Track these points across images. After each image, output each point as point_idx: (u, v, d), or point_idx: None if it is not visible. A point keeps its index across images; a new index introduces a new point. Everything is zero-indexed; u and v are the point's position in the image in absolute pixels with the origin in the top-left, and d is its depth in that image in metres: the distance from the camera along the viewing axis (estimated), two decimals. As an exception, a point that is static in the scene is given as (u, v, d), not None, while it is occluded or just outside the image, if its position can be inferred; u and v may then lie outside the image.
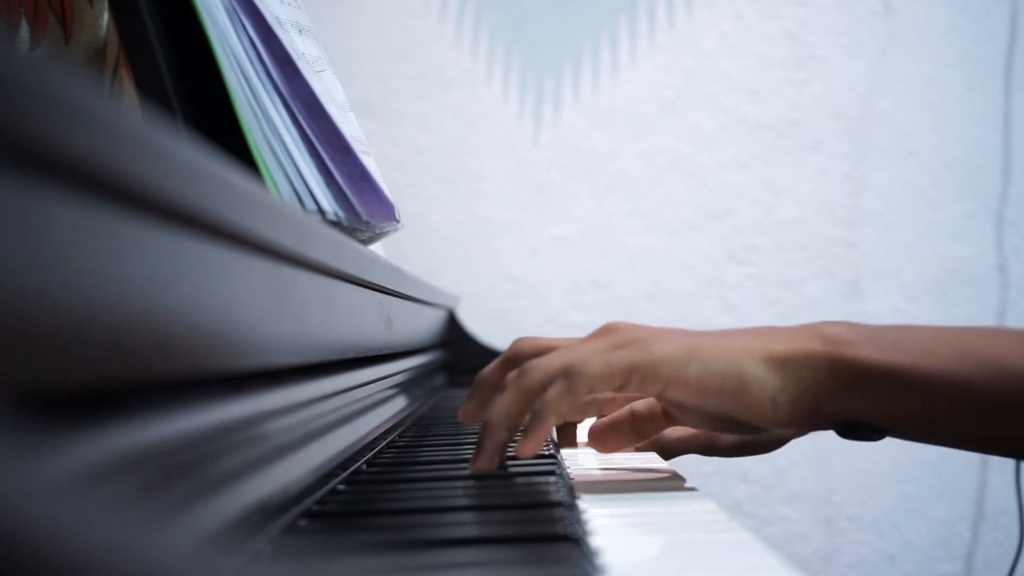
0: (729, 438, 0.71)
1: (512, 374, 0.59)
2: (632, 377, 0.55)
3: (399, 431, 0.82)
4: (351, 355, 0.63)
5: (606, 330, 0.58)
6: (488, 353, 1.45)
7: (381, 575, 0.39)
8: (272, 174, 0.67)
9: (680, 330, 0.58)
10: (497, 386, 0.65)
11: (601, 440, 0.69)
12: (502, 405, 0.58)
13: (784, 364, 0.54)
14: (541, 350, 0.61)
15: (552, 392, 0.55)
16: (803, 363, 0.54)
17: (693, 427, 0.64)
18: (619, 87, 1.78)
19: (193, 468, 0.33)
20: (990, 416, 0.55)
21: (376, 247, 0.84)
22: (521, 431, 0.59)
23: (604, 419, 0.70)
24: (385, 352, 0.78)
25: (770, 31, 1.79)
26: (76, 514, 0.16)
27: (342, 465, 0.58)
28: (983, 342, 0.55)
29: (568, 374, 0.55)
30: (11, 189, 0.22)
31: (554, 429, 0.76)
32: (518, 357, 0.63)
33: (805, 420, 0.56)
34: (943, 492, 1.77)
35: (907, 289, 1.78)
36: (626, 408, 0.68)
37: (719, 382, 0.54)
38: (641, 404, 0.66)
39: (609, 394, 0.62)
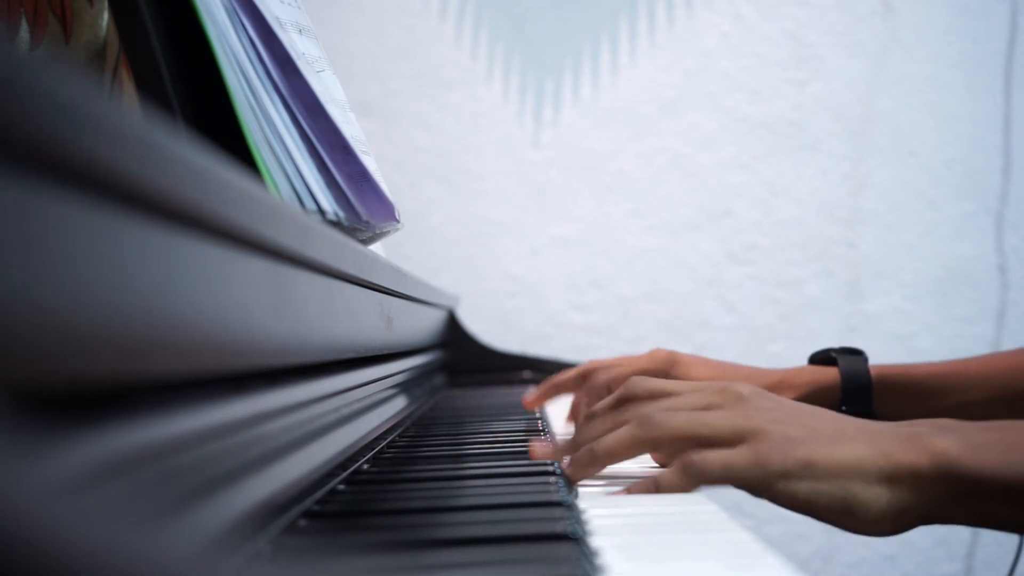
0: None
1: (642, 414, 0.60)
2: (744, 485, 0.56)
3: (399, 431, 0.82)
4: (351, 355, 0.63)
5: (730, 398, 0.60)
6: (488, 353, 1.45)
7: (381, 575, 0.39)
8: (272, 174, 0.67)
9: (798, 419, 0.58)
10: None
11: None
12: (618, 439, 0.59)
13: (892, 480, 0.54)
14: (659, 394, 0.62)
15: (668, 479, 0.57)
16: (909, 481, 0.54)
17: None
18: (619, 87, 1.78)
19: (193, 468, 0.33)
20: None
21: (376, 247, 0.84)
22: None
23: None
24: (385, 352, 0.78)
25: (770, 31, 1.79)
26: (76, 514, 0.16)
27: (342, 465, 0.57)
28: None
29: (687, 464, 0.56)
30: (11, 189, 0.22)
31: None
32: (631, 397, 0.64)
33: (908, 528, 0.56)
34: (943, 492, 1.77)
35: (907, 289, 1.78)
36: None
37: (827, 503, 0.55)
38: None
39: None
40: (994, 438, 0.54)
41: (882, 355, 0.91)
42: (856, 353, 0.91)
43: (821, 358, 0.93)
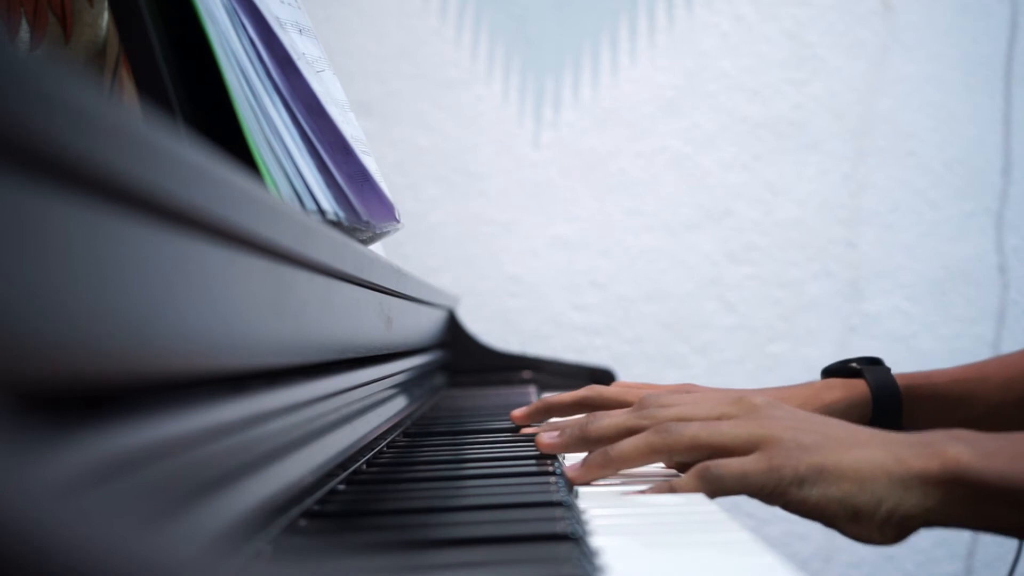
0: None
1: (659, 420, 0.61)
2: (759, 494, 0.57)
3: (399, 431, 0.82)
4: (351, 355, 0.63)
5: (744, 408, 0.60)
6: (488, 353, 1.45)
7: (381, 575, 0.39)
8: (272, 174, 0.67)
9: (812, 428, 0.58)
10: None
11: None
12: (634, 445, 0.60)
13: (903, 487, 0.54)
14: (671, 405, 0.63)
15: (683, 484, 0.57)
16: (918, 486, 0.54)
17: None
18: (619, 87, 1.78)
19: (193, 468, 0.33)
20: None
21: (376, 247, 0.84)
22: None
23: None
24: (385, 352, 0.78)
25: (770, 31, 1.79)
26: (76, 514, 0.16)
27: (342, 465, 0.58)
28: None
29: (704, 474, 0.57)
30: (11, 189, 0.22)
31: None
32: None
33: (908, 535, 0.56)
34: (943, 492, 1.77)
35: (907, 289, 1.78)
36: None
37: (835, 509, 0.55)
38: None
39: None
40: (1004, 446, 0.55)
41: (882, 355, 0.90)
42: (875, 363, 0.88)
43: (839, 370, 0.90)
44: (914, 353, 1.76)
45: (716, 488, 0.57)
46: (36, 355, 0.23)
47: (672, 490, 0.58)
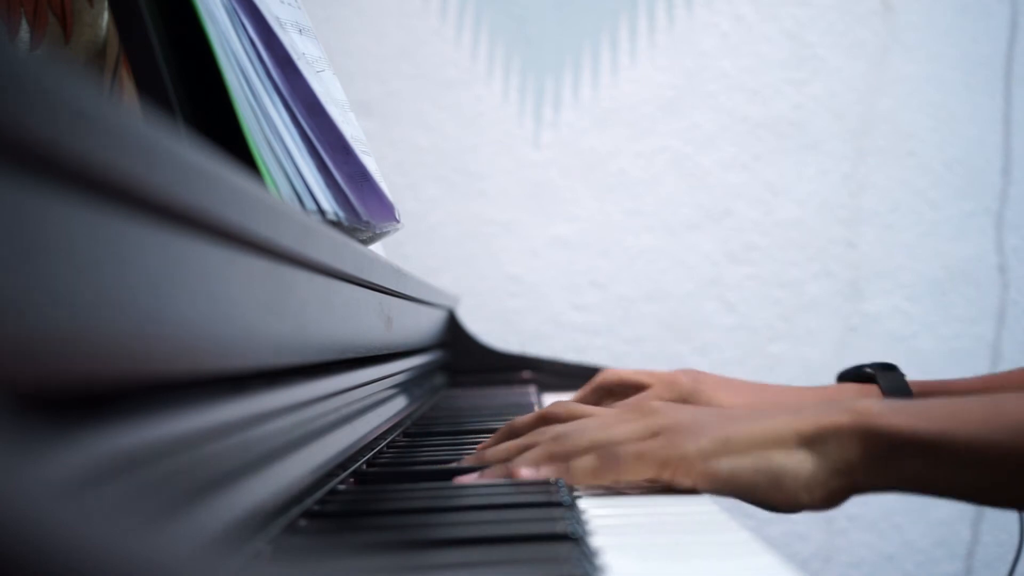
0: None
1: (548, 433, 0.60)
2: (663, 471, 0.56)
3: (399, 431, 0.82)
4: (351, 355, 0.63)
5: (643, 411, 0.59)
6: (488, 353, 1.45)
7: (381, 575, 0.39)
8: (272, 174, 0.67)
9: (713, 415, 0.58)
10: (519, 434, 0.67)
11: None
12: (530, 459, 0.59)
13: (814, 441, 0.54)
14: (577, 416, 0.62)
15: (581, 465, 0.57)
16: (832, 439, 0.54)
17: None
18: (619, 87, 1.78)
19: (193, 468, 0.33)
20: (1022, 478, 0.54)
21: (376, 247, 0.84)
22: None
23: None
24: (385, 352, 0.78)
25: (770, 31, 1.79)
26: (76, 514, 0.16)
27: (342, 465, 0.57)
28: (1012, 405, 0.55)
29: (602, 455, 0.56)
30: (11, 189, 0.22)
31: None
32: (551, 419, 0.64)
33: (841, 498, 0.56)
34: (943, 492, 1.76)
35: (907, 289, 1.78)
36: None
37: (751, 476, 0.55)
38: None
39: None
40: (914, 404, 0.55)
41: (882, 355, 0.90)
42: (890, 368, 0.88)
43: (853, 375, 0.90)
44: (914, 353, 1.76)
45: (614, 469, 0.56)
46: (36, 355, 0.23)
47: (569, 472, 0.56)
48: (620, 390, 0.89)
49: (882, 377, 0.86)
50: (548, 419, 0.64)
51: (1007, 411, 0.54)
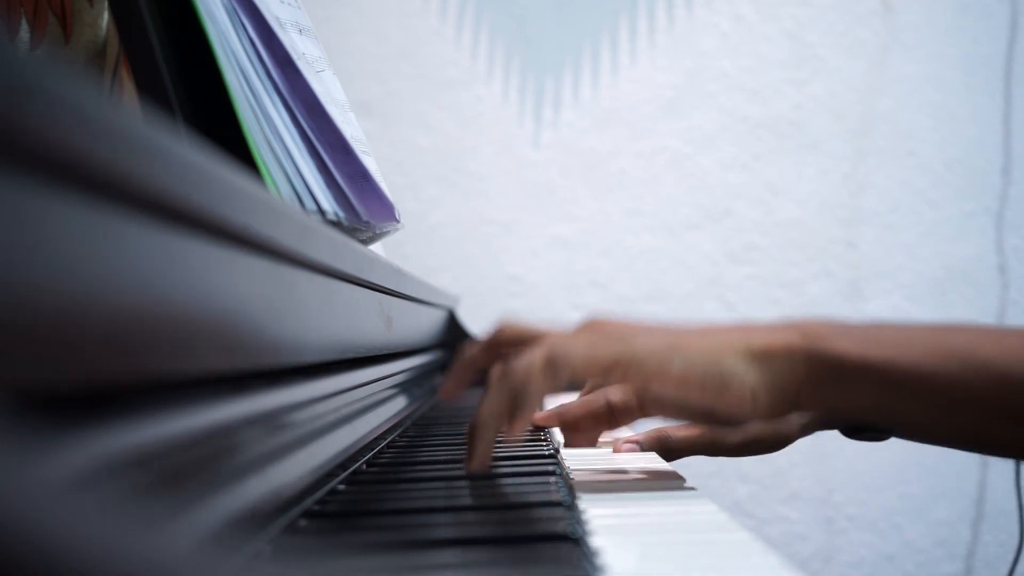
0: (734, 437, 0.71)
1: (496, 373, 0.59)
2: (614, 370, 0.55)
3: (399, 431, 0.82)
4: (351, 355, 0.63)
5: (589, 325, 0.59)
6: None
7: (381, 575, 0.39)
8: (272, 174, 0.67)
9: (662, 326, 0.59)
10: (477, 365, 0.66)
11: (574, 429, 0.70)
12: (489, 406, 0.58)
13: (763, 358, 0.55)
14: (524, 336, 0.61)
15: (534, 385, 0.56)
16: (781, 356, 0.55)
17: (673, 420, 0.65)
18: (619, 87, 1.78)
19: (193, 468, 0.33)
20: (966, 411, 0.55)
21: (376, 247, 0.84)
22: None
23: (577, 406, 0.71)
24: (385, 352, 0.78)
25: (770, 31, 1.79)
26: (76, 514, 0.16)
27: (342, 465, 0.57)
28: (960, 337, 0.56)
29: (551, 365, 0.55)
30: (11, 189, 0.22)
31: (560, 431, 0.76)
32: (501, 342, 0.63)
33: (784, 413, 0.56)
34: (943, 492, 1.77)
35: (907, 289, 1.78)
36: (601, 396, 0.69)
37: (700, 376, 0.55)
38: (616, 393, 0.67)
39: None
40: (867, 329, 0.56)
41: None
42: None
43: None
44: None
45: (563, 374, 0.55)
46: (36, 355, 0.23)
47: (523, 407, 0.55)
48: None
49: None
50: (497, 344, 0.63)
51: (955, 343, 0.55)
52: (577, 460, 0.69)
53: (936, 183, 1.80)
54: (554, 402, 0.82)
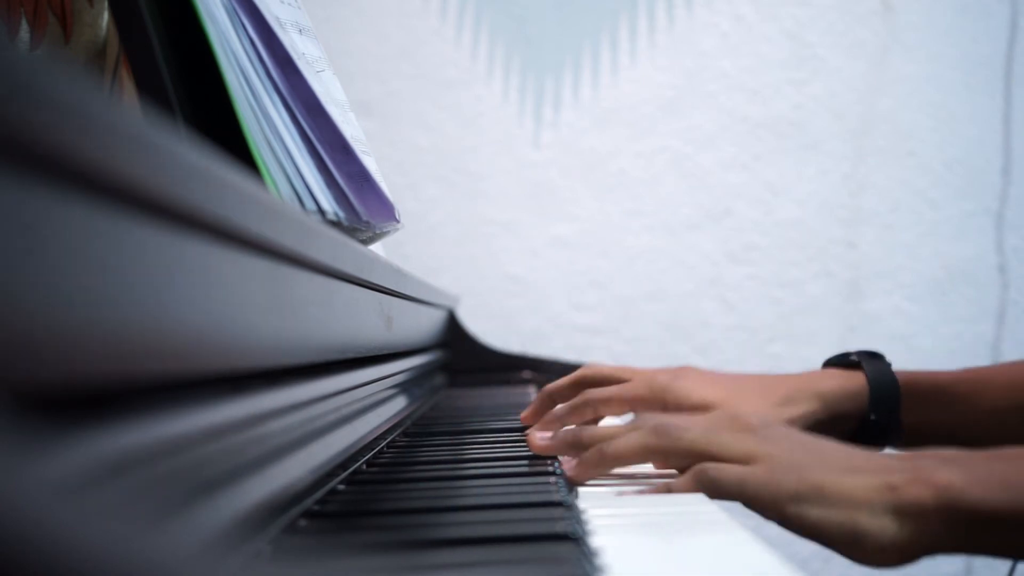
0: None
1: (658, 423, 0.61)
2: (752, 501, 0.56)
3: (399, 431, 0.82)
4: (351, 355, 0.63)
5: (742, 426, 0.60)
6: (488, 353, 1.45)
7: (381, 575, 0.39)
8: (272, 174, 0.67)
9: (808, 451, 0.58)
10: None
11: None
12: (629, 444, 0.60)
13: (898, 515, 0.54)
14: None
15: (685, 480, 0.58)
16: (916, 516, 0.54)
17: None
18: (619, 87, 1.78)
19: (193, 468, 0.33)
20: None
21: (376, 247, 0.84)
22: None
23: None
24: (385, 352, 0.78)
25: (770, 31, 1.79)
26: (76, 514, 0.16)
27: (342, 465, 0.57)
28: None
29: (700, 471, 0.57)
30: (11, 189, 0.22)
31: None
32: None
33: (911, 563, 0.56)
34: (943, 492, 1.76)
35: (907, 289, 1.78)
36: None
37: (835, 530, 0.55)
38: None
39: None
40: (996, 469, 0.55)
41: (883, 355, 0.90)
42: (876, 357, 0.88)
43: (839, 362, 0.90)
44: (914, 353, 1.75)
45: (713, 491, 0.57)
46: (36, 355, 0.23)
47: (669, 491, 0.58)
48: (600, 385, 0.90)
49: (868, 364, 0.86)
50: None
51: None
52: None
53: (936, 183, 1.80)
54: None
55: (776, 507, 0.56)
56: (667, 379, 0.82)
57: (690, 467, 0.59)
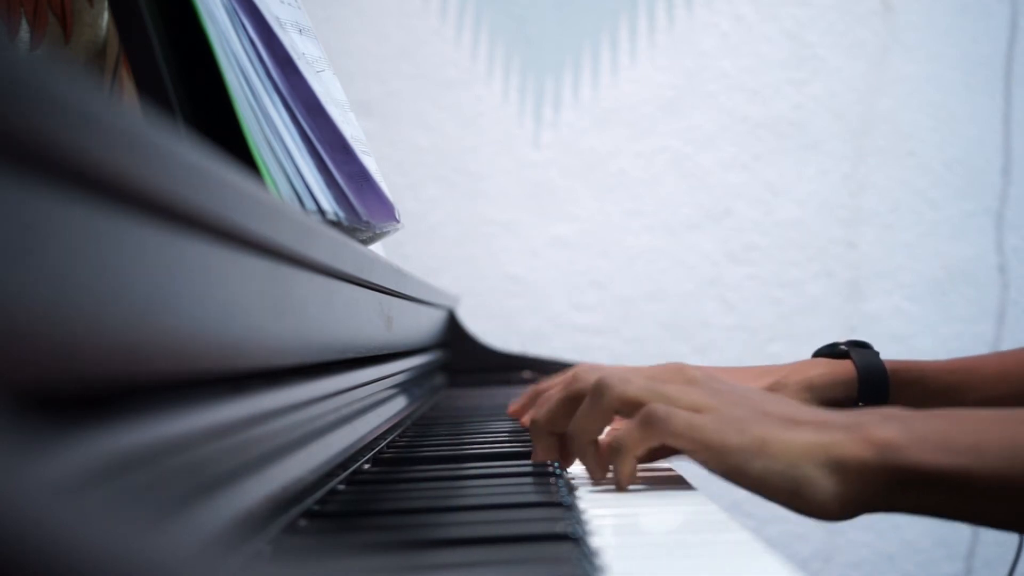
0: None
1: (600, 379, 0.62)
2: (700, 452, 0.56)
3: (399, 431, 0.82)
4: (351, 355, 0.63)
5: (686, 377, 0.61)
6: (488, 353, 1.45)
7: (381, 575, 0.39)
8: (272, 174, 0.67)
9: (752, 404, 0.59)
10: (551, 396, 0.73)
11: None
12: (628, 433, 0.60)
13: (840, 469, 0.55)
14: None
15: (631, 435, 0.58)
16: (855, 471, 0.54)
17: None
18: (619, 87, 1.78)
19: (193, 468, 0.33)
20: None
21: (376, 247, 0.84)
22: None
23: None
24: (385, 352, 0.78)
25: (770, 31, 1.79)
26: (76, 514, 0.16)
27: (342, 465, 0.57)
28: None
29: (651, 414, 0.57)
30: (11, 189, 0.22)
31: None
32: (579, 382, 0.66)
33: (852, 517, 0.56)
34: (943, 492, 1.77)
35: (907, 289, 1.78)
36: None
37: (777, 481, 0.55)
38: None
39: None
40: (939, 428, 0.55)
41: (883, 355, 0.90)
42: (864, 346, 0.89)
43: (829, 352, 0.91)
44: (914, 353, 1.75)
45: (660, 431, 0.57)
46: (36, 355, 0.23)
47: (617, 442, 0.58)
48: None
49: (856, 354, 0.87)
50: (576, 382, 0.65)
51: None
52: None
53: (936, 183, 1.80)
54: None
55: (720, 458, 0.56)
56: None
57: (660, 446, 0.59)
